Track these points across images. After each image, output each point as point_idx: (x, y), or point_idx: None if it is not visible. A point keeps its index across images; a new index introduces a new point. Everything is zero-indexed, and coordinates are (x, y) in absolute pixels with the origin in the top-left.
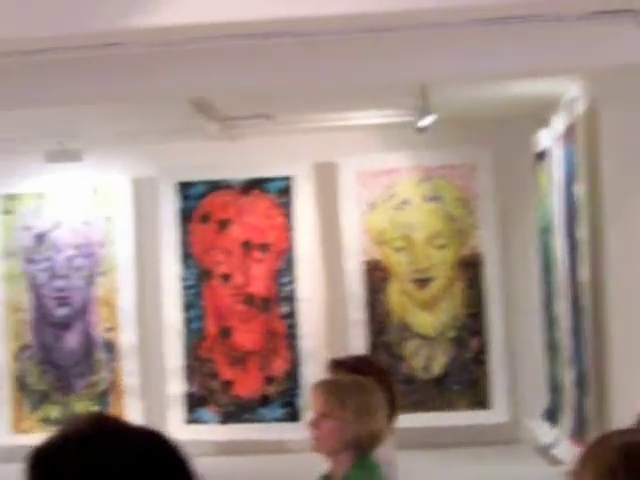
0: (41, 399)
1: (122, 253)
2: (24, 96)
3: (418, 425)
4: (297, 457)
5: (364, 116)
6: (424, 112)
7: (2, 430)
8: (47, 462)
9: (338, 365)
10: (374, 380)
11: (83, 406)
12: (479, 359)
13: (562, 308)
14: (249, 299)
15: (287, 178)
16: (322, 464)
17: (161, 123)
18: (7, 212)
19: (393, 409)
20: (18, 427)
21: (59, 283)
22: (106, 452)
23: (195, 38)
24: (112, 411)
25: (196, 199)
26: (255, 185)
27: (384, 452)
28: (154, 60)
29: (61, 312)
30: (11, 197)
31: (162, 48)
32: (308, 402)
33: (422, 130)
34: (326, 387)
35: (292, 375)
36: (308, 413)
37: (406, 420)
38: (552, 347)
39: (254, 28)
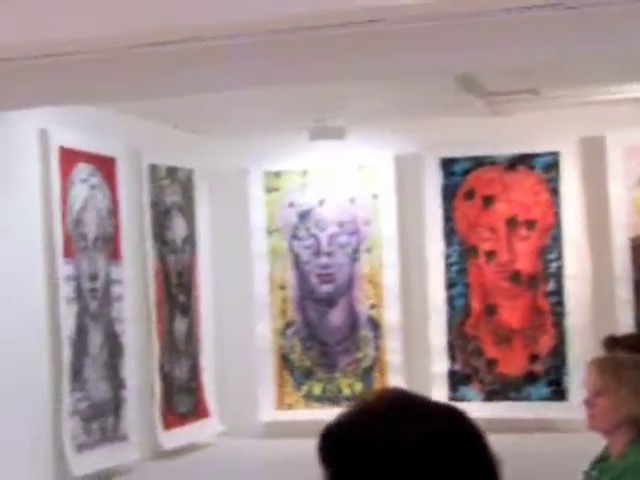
0: (305, 375)
1: (386, 230)
2: (289, 72)
3: None
4: (564, 437)
5: (633, 89)
6: None
7: (267, 406)
8: (344, 437)
9: (614, 342)
10: None
11: (347, 383)
12: None
13: None
14: (515, 276)
15: (553, 153)
16: (589, 444)
17: (425, 99)
18: (272, 189)
19: None
20: (282, 403)
21: (323, 260)
22: (403, 427)
23: (459, 13)
24: (376, 389)
25: (460, 175)
26: (521, 161)
27: None
28: (418, 35)
29: (325, 289)
30: (276, 174)
31: (427, 23)
32: (582, 380)
33: None
34: (601, 364)
35: (558, 353)
36: (575, 392)
37: None
38: None
39: (518, 1)
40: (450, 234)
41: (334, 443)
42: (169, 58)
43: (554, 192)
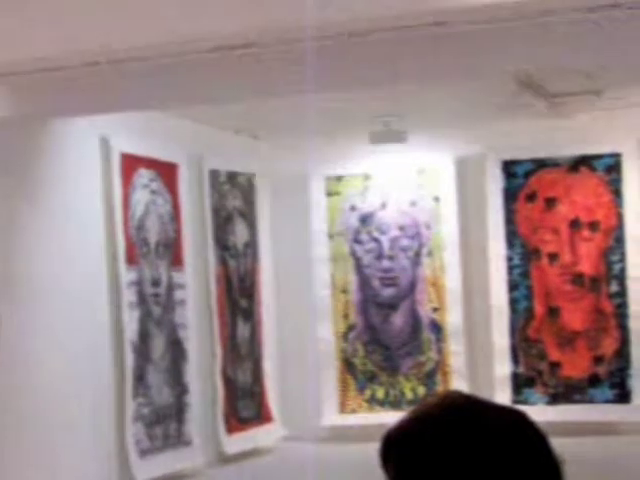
0: (368, 379)
1: (448, 233)
2: (346, 77)
3: None
4: (628, 439)
5: None
6: None
7: (330, 410)
8: (405, 442)
9: None
10: None
11: (410, 386)
12: None
13: None
14: (577, 278)
15: (615, 155)
16: None
17: (486, 101)
18: (333, 193)
19: None
20: (345, 407)
21: (385, 264)
22: (465, 431)
23: (521, 14)
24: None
25: (522, 177)
26: (583, 162)
27: None
28: (480, 38)
29: (387, 293)
30: (337, 178)
31: (488, 25)
32: None
33: None
34: None
35: (621, 355)
36: (639, 394)
37: None
38: None
39: (579, 2)
40: (512, 236)
41: (395, 448)
42: (233, 63)
43: (616, 193)
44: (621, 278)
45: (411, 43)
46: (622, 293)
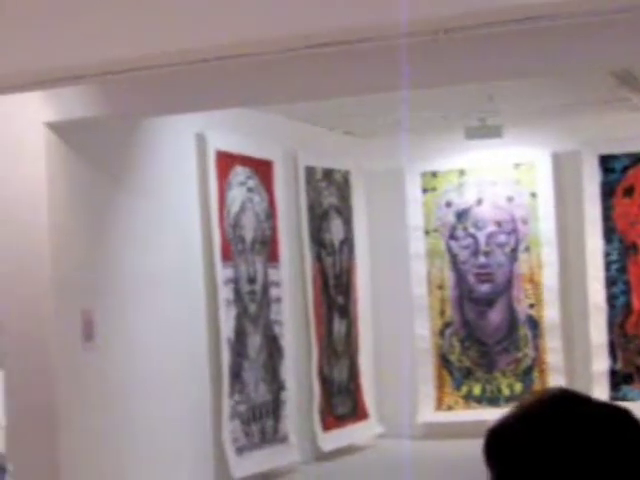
0: (464, 376)
1: (545, 229)
2: (441, 73)
3: None
4: None
5: None
6: None
7: (426, 407)
8: (510, 438)
9: None
10: None
11: (506, 383)
12: None
13: None
14: None
15: None
16: None
17: (583, 96)
18: (429, 189)
19: None
20: (441, 404)
21: (481, 260)
22: (569, 428)
23: (617, 7)
24: (536, 389)
25: (619, 172)
26: None
27: None
28: (576, 32)
29: (484, 289)
30: (433, 174)
31: (585, 19)
32: None
33: None
34: None
35: None
36: None
37: None
38: None
39: None
40: (609, 232)
41: (499, 444)
42: (328, 60)
43: None
44: None
45: (506, 39)
46: None
